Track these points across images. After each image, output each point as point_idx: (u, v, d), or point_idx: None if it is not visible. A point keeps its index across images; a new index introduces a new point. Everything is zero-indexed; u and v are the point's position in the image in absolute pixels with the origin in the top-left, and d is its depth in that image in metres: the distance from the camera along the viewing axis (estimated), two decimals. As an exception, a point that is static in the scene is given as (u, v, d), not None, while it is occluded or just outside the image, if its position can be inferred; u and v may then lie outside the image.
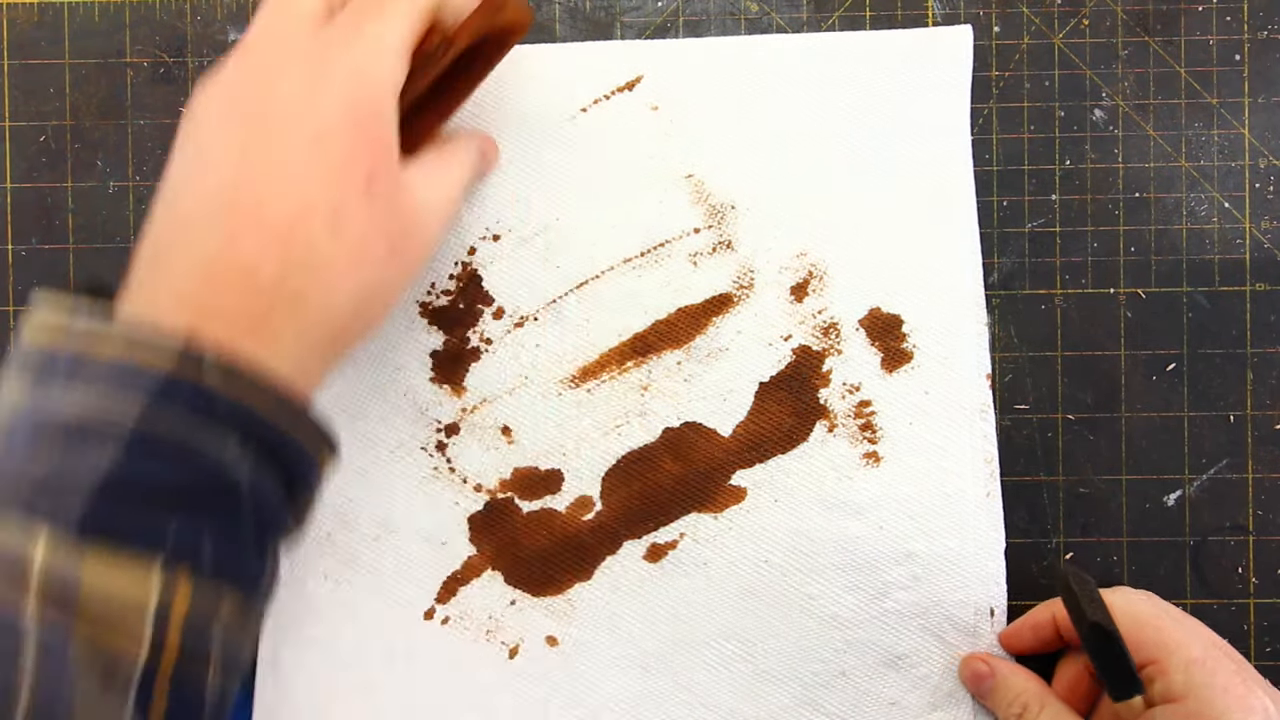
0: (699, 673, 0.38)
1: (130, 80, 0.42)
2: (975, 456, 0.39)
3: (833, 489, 0.39)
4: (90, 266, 0.41)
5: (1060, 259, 0.41)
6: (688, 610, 0.39)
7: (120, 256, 0.41)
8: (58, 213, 0.42)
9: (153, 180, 0.42)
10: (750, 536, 0.39)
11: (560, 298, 0.40)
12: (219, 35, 0.42)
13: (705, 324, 0.40)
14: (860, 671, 0.38)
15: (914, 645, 0.38)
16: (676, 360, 0.39)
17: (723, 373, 0.39)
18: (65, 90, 0.42)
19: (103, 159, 0.42)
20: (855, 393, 0.39)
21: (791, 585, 0.38)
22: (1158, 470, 0.41)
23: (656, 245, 0.40)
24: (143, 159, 0.42)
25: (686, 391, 0.39)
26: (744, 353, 0.39)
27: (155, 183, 0.42)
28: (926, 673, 0.38)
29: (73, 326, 0.28)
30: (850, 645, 0.38)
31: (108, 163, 0.42)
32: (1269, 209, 0.41)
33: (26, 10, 0.42)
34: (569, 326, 0.40)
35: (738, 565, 0.39)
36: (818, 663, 0.38)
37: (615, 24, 0.42)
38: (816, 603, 0.38)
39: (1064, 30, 0.41)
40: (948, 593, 0.38)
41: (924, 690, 0.38)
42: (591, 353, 0.40)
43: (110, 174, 0.42)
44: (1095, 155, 0.41)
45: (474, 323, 0.40)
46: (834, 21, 0.41)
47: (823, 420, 0.39)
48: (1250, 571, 0.40)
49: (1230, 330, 0.41)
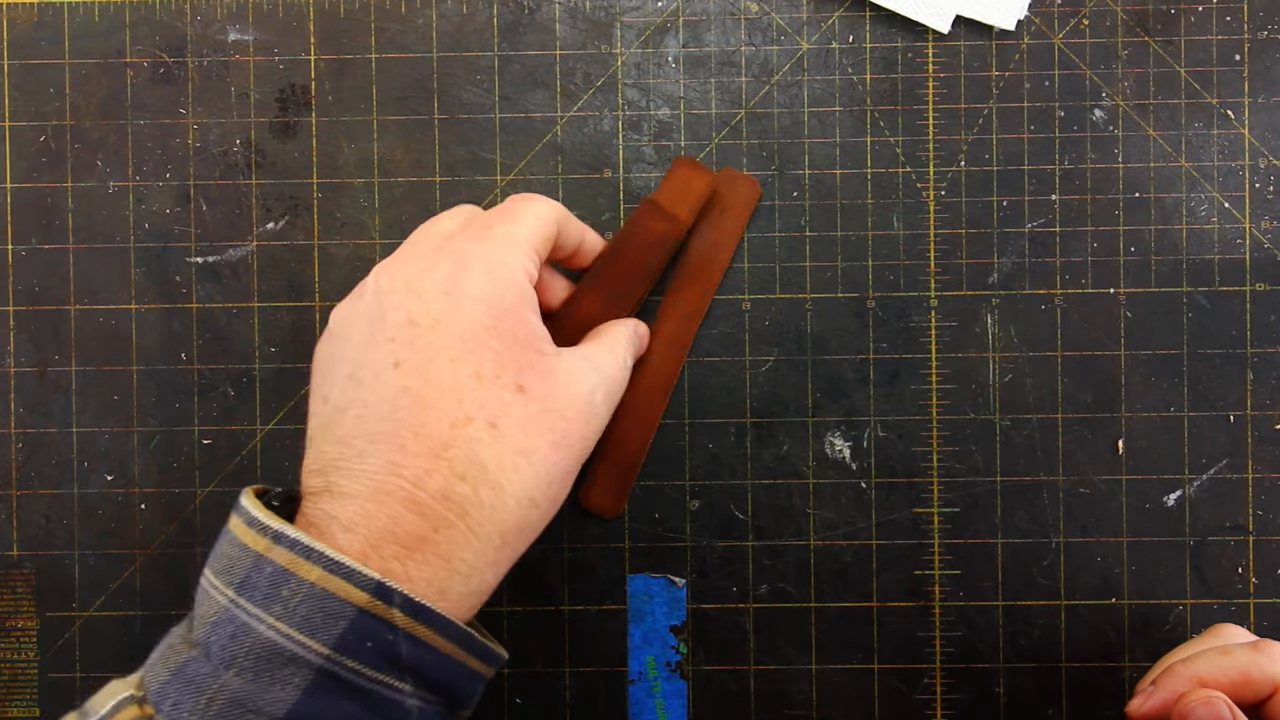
0: None
1: (130, 80, 0.42)
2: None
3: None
4: (89, 267, 0.41)
5: (1060, 259, 0.41)
6: None
7: (120, 256, 0.41)
8: (58, 213, 0.42)
9: (153, 180, 0.42)
10: None
11: None
12: (219, 35, 0.42)
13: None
14: None
15: None
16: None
17: None
18: (65, 90, 0.42)
19: (103, 159, 0.42)
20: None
21: None
22: (1158, 470, 0.41)
23: None
24: (143, 159, 0.42)
25: None
26: None
27: (155, 183, 0.42)
28: None
29: (280, 535, 0.28)
30: None
31: (108, 163, 0.42)
32: (1269, 209, 0.41)
33: (26, 10, 0.42)
34: None
35: None
36: None
37: (615, 24, 0.42)
38: None
39: (1064, 30, 0.41)
40: None
41: None
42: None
43: (110, 174, 0.42)
44: (1095, 155, 0.41)
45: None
46: (834, 21, 0.41)
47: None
48: (1250, 571, 0.40)
49: (1230, 330, 0.41)
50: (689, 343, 0.41)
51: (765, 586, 0.41)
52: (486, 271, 0.31)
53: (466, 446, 0.29)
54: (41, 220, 0.41)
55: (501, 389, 0.30)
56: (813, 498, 0.41)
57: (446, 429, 0.29)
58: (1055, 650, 0.41)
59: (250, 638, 0.27)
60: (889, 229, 0.41)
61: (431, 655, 0.28)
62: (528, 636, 0.41)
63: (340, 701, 0.27)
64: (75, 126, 0.42)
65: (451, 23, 0.42)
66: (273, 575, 0.27)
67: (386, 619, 0.27)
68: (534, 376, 0.31)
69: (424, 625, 0.28)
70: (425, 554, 0.29)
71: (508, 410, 0.30)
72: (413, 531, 0.28)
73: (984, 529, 0.41)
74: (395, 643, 0.27)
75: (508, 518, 0.30)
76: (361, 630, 0.27)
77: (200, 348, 0.41)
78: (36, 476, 0.41)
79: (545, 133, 0.42)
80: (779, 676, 0.41)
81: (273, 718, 0.26)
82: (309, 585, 0.27)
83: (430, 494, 0.29)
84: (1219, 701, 0.30)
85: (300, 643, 0.27)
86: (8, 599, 0.41)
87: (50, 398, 0.41)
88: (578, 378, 0.32)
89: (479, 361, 0.30)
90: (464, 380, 0.29)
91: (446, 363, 0.29)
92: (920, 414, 0.41)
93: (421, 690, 0.28)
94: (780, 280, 0.41)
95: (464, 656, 0.29)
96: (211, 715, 0.26)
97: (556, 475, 0.31)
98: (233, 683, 0.27)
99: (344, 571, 0.27)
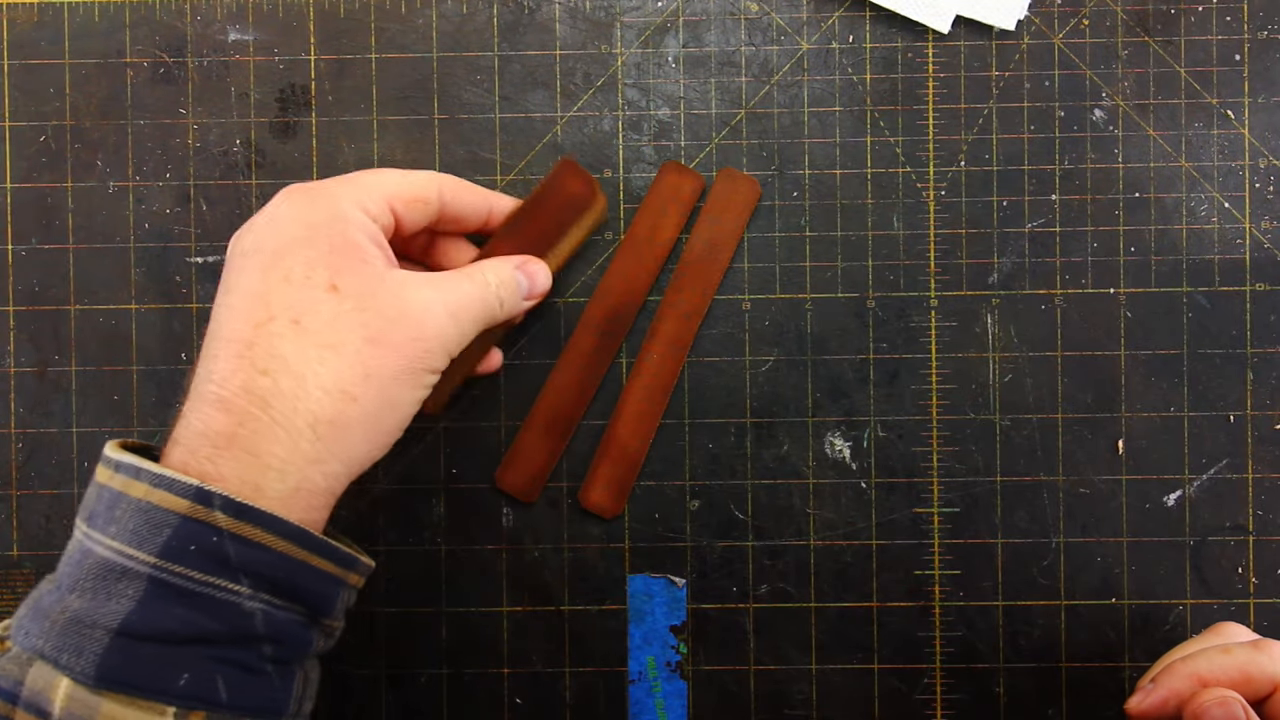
0: None
1: (130, 80, 0.42)
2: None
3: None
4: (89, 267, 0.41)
5: (1060, 259, 0.41)
6: None
7: (120, 256, 0.41)
8: (58, 213, 0.42)
9: (153, 180, 0.42)
10: None
11: None
12: (219, 35, 0.42)
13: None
14: None
15: None
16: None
17: None
18: (65, 90, 0.42)
19: (103, 159, 0.42)
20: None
21: None
22: (1158, 470, 0.41)
23: None
24: (143, 159, 0.42)
25: None
26: None
27: (155, 183, 0.42)
28: None
29: (120, 464, 0.30)
30: None
31: (108, 163, 0.42)
32: (1269, 209, 0.41)
33: (26, 10, 0.42)
34: None
35: None
36: None
37: (615, 24, 0.42)
38: None
39: (1064, 30, 0.41)
40: None
41: None
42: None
43: (110, 174, 0.42)
44: (1095, 155, 0.41)
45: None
46: (834, 21, 0.41)
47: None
48: (1250, 571, 0.40)
49: (1230, 330, 0.41)
50: (689, 343, 0.41)
51: (765, 586, 0.41)
52: (306, 199, 0.33)
53: (268, 343, 0.30)
54: (41, 220, 0.41)
55: (312, 289, 0.31)
56: (813, 498, 0.41)
57: (250, 330, 0.30)
58: (1055, 650, 0.41)
59: (90, 559, 0.28)
60: (889, 229, 0.41)
61: (265, 554, 0.29)
62: (528, 636, 0.41)
63: (172, 608, 0.28)
64: (75, 126, 0.42)
65: (451, 23, 0.42)
66: (109, 499, 0.29)
67: (208, 521, 0.28)
68: (351, 278, 0.32)
69: (249, 524, 0.29)
70: (234, 450, 0.29)
71: (316, 308, 0.31)
72: (221, 430, 0.29)
73: (984, 529, 0.41)
74: (220, 544, 0.28)
75: (314, 408, 0.30)
76: (185, 535, 0.28)
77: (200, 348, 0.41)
78: (36, 476, 0.41)
79: (545, 133, 0.42)
80: (779, 676, 0.41)
81: (108, 629, 0.28)
82: (136, 501, 0.29)
83: (233, 390, 0.30)
84: (1234, 702, 0.30)
85: (130, 555, 0.28)
86: (8, 599, 0.41)
87: (50, 398, 0.41)
88: (408, 286, 0.33)
89: (288, 267, 0.31)
90: (273, 285, 0.31)
91: (257, 272, 0.31)
92: (920, 414, 0.41)
93: (263, 593, 0.29)
94: (780, 280, 0.41)
95: (305, 555, 0.30)
96: (55, 635, 0.28)
97: (377, 371, 0.31)
98: (74, 603, 0.28)
99: (165, 483, 0.28)
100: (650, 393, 0.41)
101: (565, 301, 0.41)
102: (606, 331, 0.41)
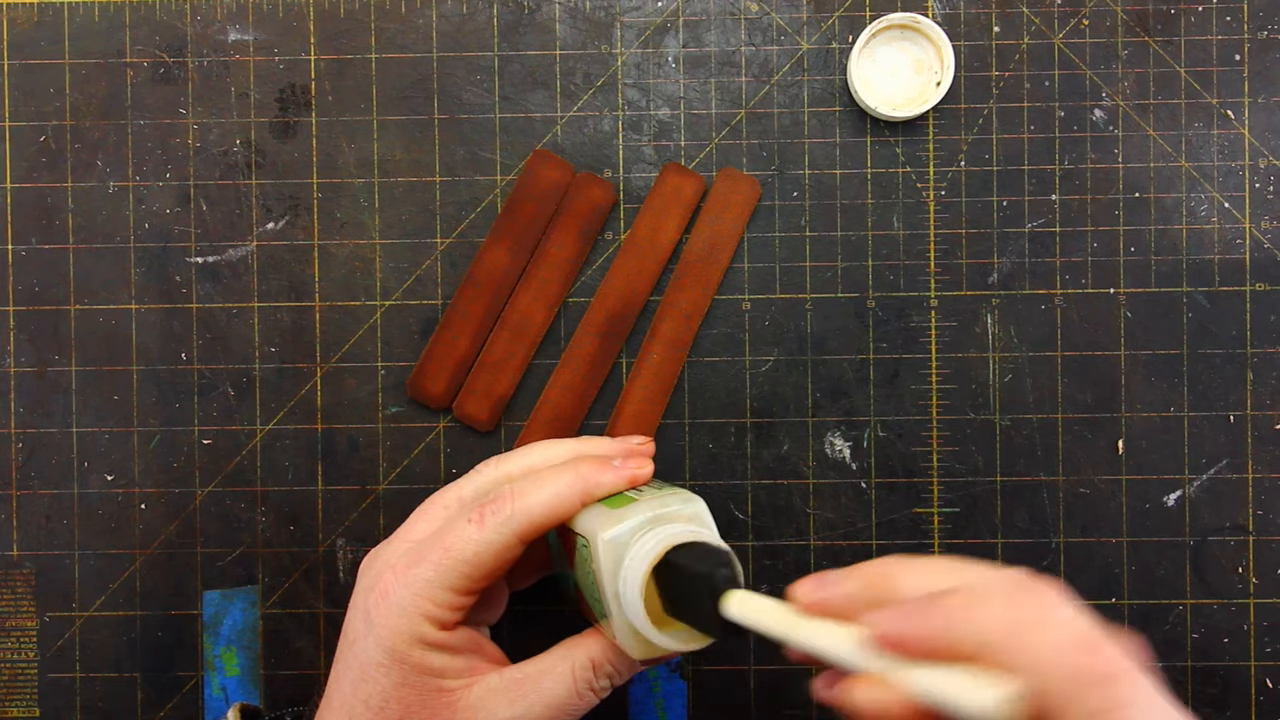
0: None
1: (130, 80, 0.42)
2: None
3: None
4: (89, 267, 0.41)
5: (1060, 259, 0.41)
6: None
7: (120, 256, 0.41)
8: (58, 213, 0.42)
9: (153, 180, 0.42)
10: None
11: None
12: (219, 35, 0.42)
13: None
14: None
15: None
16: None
17: None
18: (65, 90, 0.42)
19: (103, 159, 0.42)
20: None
21: None
22: (1158, 470, 0.41)
23: None
24: (143, 159, 0.42)
25: None
26: None
27: (155, 183, 0.42)
28: None
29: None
30: None
31: (108, 163, 0.42)
32: (1269, 209, 0.41)
33: (26, 10, 0.42)
34: None
35: None
36: None
37: (615, 24, 0.42)
38: None
39: (1064, 30, 0.41)
40: None
41: None
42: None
43: (110, 174, 0.42)
44: (1095, 155, 0.41)
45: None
46: (834, 21, 0.41)
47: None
48: (1250, 571, 0.40)
49: (1230, 330, 0.41)
50: (689, 342, 0.41)
51: (765, 586, 0.41)
52: (397, 609, 0.32)
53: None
54: (41, 220, 0.41)
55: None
56: (813, 498, 0.41)
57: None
58: (1055, 650, 0.41)
59: None
60: (889, 229, 0.41)
61: None
62: (528, 636, 0.41)
63: None
64: (75, 126, 0.42)
65: (451, 23, 0.42)
66: None
67: None
68: (423, 713, 0.32)
69: None
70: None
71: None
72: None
73: (984, 529, 0.41)
74: None
75: None
76: None
77: (200, 348, 0.41)
78: (36, 476, 0.41)
79: (545, 133, 0.42)
80: (779, 676, 0.41)
81: None
82: None
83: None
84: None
85: None
86: (8, 599, 0.41)
87: (50, 398, 0.41)
88: (481, 712, 0.32)
89: (369, 693, 0.32)
90: (356, 706, 0.32)
91: (349, 684, 0.32)
92: (920, 414, 0.41)
93: None
94: (780, 280, 0.41)
95: None
96: None
97: None
98: None
99: None
100: (650, 393, 0.41)
101: (567, 303, 0.41)
102: (608, 333, 0.41)
